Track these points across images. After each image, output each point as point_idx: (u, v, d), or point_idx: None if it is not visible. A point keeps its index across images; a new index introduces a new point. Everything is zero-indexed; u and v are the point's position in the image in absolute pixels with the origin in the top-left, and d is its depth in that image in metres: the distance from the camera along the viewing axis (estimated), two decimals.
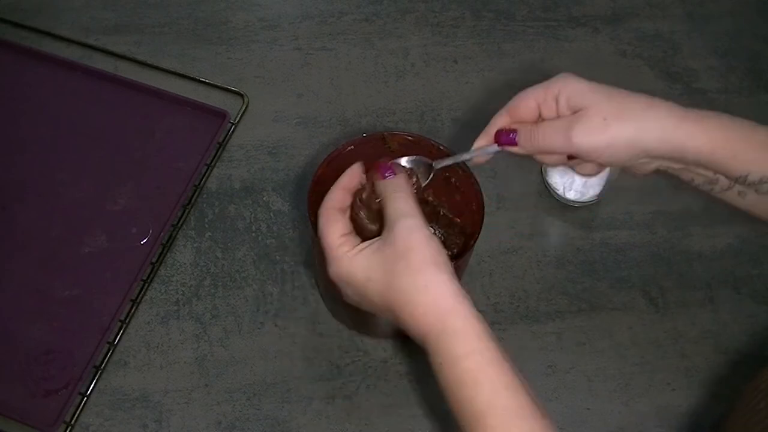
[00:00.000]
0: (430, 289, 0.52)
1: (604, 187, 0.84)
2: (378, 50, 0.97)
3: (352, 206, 0.76)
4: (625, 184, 0.87)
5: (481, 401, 0.50)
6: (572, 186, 0.84)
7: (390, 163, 0.60)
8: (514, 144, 0.60)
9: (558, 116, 0.59)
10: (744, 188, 0.58)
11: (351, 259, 0.56)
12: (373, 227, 0.76)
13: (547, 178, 0.87)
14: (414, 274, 0.52)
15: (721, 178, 0.58)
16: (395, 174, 0.59)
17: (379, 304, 0.55)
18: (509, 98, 0.62)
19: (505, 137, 0.61)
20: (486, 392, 0.50)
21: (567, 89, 0.58)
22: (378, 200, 0.73)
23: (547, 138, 0.59)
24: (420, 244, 0.53)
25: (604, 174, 0.82)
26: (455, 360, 0.51)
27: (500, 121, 0.62)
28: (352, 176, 0.61)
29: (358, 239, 0.59)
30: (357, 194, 0.77)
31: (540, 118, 0.61)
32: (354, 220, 0.76)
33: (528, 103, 0.60)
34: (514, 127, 0.61)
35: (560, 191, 0.85)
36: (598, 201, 0.86)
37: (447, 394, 0.52)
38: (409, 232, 0.54)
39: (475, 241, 0.69)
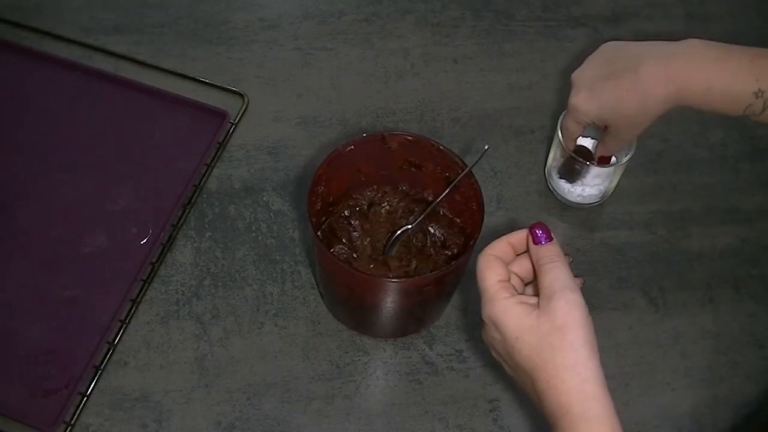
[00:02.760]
0: (579, 369, 0.52)
1: (607, 188, 0.84)
2: (378, 50, 0.97)
3: (344, 216, 0.76)
4: (625, 184, 0.87)
5: None
6: (575, 188, 0.84)
7: (543, 226, 0.58)
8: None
9: None
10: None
11: (506, 308, 0.56)
12: (365, 242, 0.76)
13: (550, 179, 0.86)
14: (566, 351, 0.53)
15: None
16: (550, 239, 0.58)
17: (521, 365, 0.55)
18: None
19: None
20: None
21: None
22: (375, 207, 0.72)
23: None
24: (578, 323, 0.53)
25: (607, 176, 0.82)
26: None
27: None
28: (521, 239, 0.60)
29: (514, 289, 0.58)
30: (351, 205, 0.77)
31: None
32: (342, 228, 0.76)
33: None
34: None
35: (563, 193, 0.85)
36: (600, 203, 0.86)
37: None
38: (570, 307, 0.53)
39: (475, 241, 0.69)
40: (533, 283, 0.60)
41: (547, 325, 0.53)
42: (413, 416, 0.75)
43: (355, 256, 0.77)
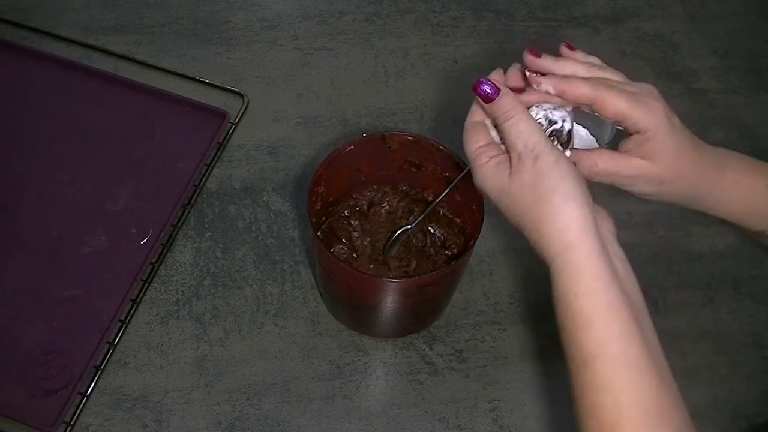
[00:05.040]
0: (554, 220, 0.51)
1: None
2: (378, 50, 0.97)
3: (343, 215, 0.77)
4: None
5: (590, 347, 0.49)
6: None
7: (485, 80, 0.55)
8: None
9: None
10: None
11: (484, 174, 0.55)
12: (365, 242, 0.76)
13: None
14: (540, 204, 0.51)
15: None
16: (499, 92, 0.54)
17: (511, 222, 0.55)
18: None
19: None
20: (596, 338, 0.49)
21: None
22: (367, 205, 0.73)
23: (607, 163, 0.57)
24: (544, 173, 0.51)
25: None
26: (570, 298, 0.50)
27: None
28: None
29: (496, 149, 0.56)
30: (349, 204, 0.77)
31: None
32: (342, 228, 0.77)
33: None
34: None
35: None
36: None
37: (561, 329, 0.51)
38: (532, 162, 0.52)
39: (475, 241, 0.69)
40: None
41: (518, 183, 0.53)
42: (413, 416, 0.75)
43: (355, 256, 0.77)
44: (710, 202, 0.59)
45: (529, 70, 0.56)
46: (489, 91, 0.55)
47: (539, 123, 0.55)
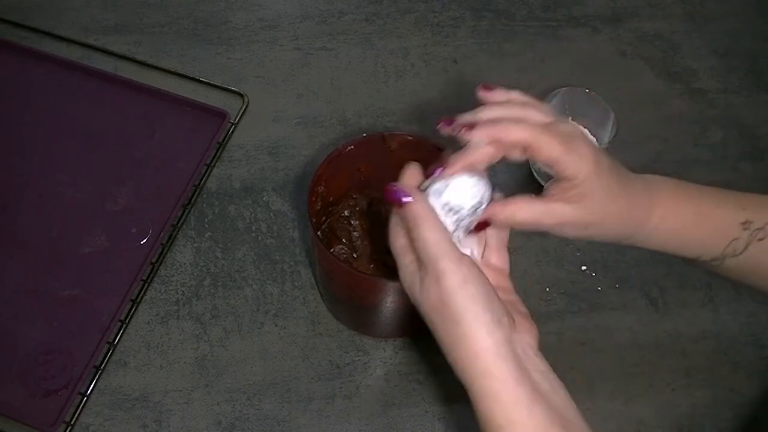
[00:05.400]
0: (467, 344, 0.49)
1: None
2: (378, 50, 0.97)
3: (343, 218, 0.77)
4: None
5: None
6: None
7: (394, 186, 0.53)
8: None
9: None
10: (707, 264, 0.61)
11: (403, 278, 0.54)
12: (364, 242, 0.76)
13: (533, 165, 0.86)
14: (449, 327, 0.50)
15: None
16: (412, 197, 0.53)
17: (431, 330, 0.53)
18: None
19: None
20: None
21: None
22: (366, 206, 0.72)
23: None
24: (450, 295, 0.49)
25: None
26: (495, 428, 0.49)
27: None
28: (411, 177, 0.56)
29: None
30: (350, 205, 0.78)
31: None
32: (342, 228, 0.77)
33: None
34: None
35: (545, 179, 0.85)
36: None
37: None
38: (440, 283, 0.50)
39: None
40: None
41: (427, 304, 0.51)
42: (413, 416, 0.75)
43: (355, 256, 0.77)
44: (640, 238, 0.59)
45: (455, 126, 0.55)
46: (401, 194, 0.53)
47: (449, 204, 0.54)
